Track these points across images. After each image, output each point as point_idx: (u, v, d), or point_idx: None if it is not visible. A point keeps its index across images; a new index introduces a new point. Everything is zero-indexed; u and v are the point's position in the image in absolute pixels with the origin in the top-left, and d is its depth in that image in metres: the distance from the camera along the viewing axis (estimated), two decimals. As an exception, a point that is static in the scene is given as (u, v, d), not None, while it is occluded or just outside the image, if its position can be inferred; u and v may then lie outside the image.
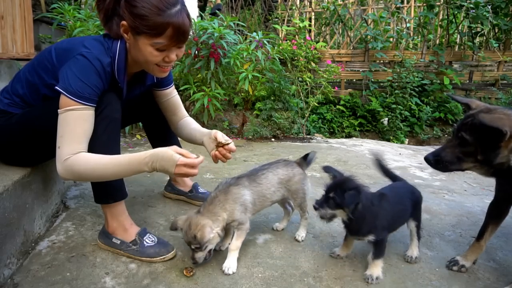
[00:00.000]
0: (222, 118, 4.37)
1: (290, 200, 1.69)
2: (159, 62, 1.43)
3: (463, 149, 1.22)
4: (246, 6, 6.84)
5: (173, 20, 1.33)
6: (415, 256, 1.59)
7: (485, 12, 4.53)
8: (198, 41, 3.32)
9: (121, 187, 1.54)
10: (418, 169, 2.98)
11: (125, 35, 1.41)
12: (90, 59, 1.35)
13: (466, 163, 1.23)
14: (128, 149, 3.19)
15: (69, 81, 1.32)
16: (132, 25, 1.34)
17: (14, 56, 3.43)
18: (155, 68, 1.47)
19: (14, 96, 1.50)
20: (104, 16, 1.45)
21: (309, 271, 1.49)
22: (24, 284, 1.33)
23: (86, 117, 1.35)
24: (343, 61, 5.18)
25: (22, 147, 1.52)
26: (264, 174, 1.61)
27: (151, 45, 1.37)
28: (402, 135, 4.67)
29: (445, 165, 1.26)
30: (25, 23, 3.57)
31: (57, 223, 1.77)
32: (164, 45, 1.37)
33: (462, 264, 1.52)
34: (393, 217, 1.48)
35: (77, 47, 1.39)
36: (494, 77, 5.02)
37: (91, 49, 1.38)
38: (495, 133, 1.12)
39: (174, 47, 1.42)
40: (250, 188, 1.55)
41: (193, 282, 1.39)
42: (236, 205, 1.48)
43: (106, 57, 1.41)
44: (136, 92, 1.70)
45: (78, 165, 1.31)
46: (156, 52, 1.39)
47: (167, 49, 1.40)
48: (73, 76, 1.33)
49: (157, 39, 1.35)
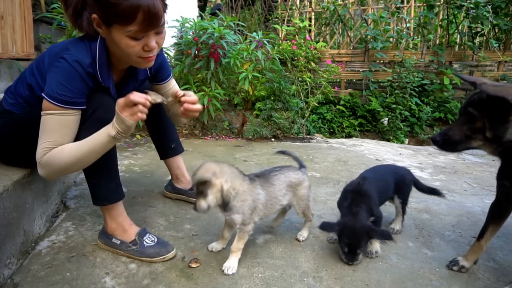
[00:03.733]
0: (222, 118, 4.37)
1: (295, 206, 1.68)
2: (140, 53, 1.37)
3: (470, 126, 1.17)
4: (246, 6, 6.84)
5: (141, 3, 1.24)
6: (397, 229, 1.80)
7: (485, 12, 4.53)
8: (198, 41, 3.32)
9: (117, 189, 1.54)
10: (418, 169, 2.99)
11: (99, 29, 1.35)
12: (70, 62, 1.32)
13: (475, 140, 1.19)
14: (128, 149, 3.19)
15: (50, 86, 1.31)
16: (102, 16, 1.30)
17: (14, 56, 3.43)
18: (139, 60, 1.40)
19: (17, 97, 1.50)
20: (73, 12, 1.37)
21: (309, 271, 1.49)
22: (24, 284, 1.33)
23: (65, 123, 1.34)
24: (343, 61, 5.18)
25: (20, 147, 1.52)
26: (277, 175, 1.60)
27: (125, 35, 1.30)
28: (402, 135, 4.67)
29: (454, 144, 1.22)
30: (25, 23, 3.57)
31: (57, 223, 1.77)
32: (138, 31, 1.29)
33: (462, 264, 1.52)
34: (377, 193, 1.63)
35: (62, 50, 1.37)
36: (494, 77, 5.01)
37: (73, 51, 1.35)
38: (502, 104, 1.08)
39: (151, 33, 1.34)
40: (265, 188, 1.53)
41: (193, 282, 1.39)
42: (250, 196, 1.45)
43: (87, 57, 1.37)
44: (129, 88, 1.67)
45: (52, 158, 1.31)
46: (132, 42, 1.31)
47: (144, 36, 1.33)
48: (55, 81, 1.32)
49: (129, 26, 1.27)
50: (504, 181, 1.38)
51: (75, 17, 1.38)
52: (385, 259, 1.60)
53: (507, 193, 1.40)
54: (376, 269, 1.52)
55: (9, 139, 1.51)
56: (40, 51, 4.27)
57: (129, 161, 2.82)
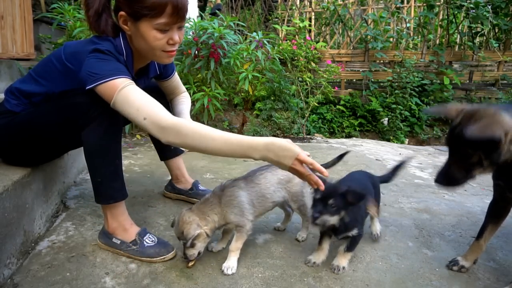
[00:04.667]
0: (222, 118, 4.37)
1: (290, 203, 1.68)
2: (164, 47, 1.42)
3: (467, 161, 1.22)
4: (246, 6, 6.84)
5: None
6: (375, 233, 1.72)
7: (485, 12, 4.53)
8: (198, 41, 3.32)
9: (122, 187, 1.54)
10: (418, 169, 2.99)
11: (124, 26, 1.41)
12: (105, 51, 1.35)
13: (475, 172, 1.24)
14: (128, 149, 3.19)
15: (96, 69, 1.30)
16: (131, 11, 1.35)
17: (14, 56, 3.43)
18: (162, 54, 1.46)
19: (22, 97, 1.50)
20: (94, 13, 1.42)
21: (309, 271, 1.49)
22: (24, 284, 1.33)
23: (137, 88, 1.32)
24: (343, 61, 5.18)
25: (24, 147, 1.52)
26: (263, 174, 1.61)
27: (154, 28, 1.36)
28: (402, 135, 4.67)
29: (457, 182, 1.27)
30: (25, 23, 3.57)
31: (57, 223, 1.77)
32: (166, 23, 1.36)
33: (462, 264, 1.52)
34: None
35: (87, 45, 1.39)
36: (494, 77, 5.02)
37: (104, 45, 1.39)
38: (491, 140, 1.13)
39: (175, 27, 1.41)
40: (247, 189, 1.54)
41: (193, 282, 1.39)
42: (230, 208, 1.48)
43: (119, 54, 1.42)
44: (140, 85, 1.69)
45: (186, 129, 1.24)
46: (160, 34, 1.38)
47: (170, 29, 1.39)
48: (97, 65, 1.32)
49: (158, 19, 1.34)
50: (499, 181, 1.42)
51: (95, 19, 1.44)
52: (385, 259, 1.60)
53: (503, 192, 1.43)
54: (376, 269, 1.52)
55: (12, 139, 1.51)
56: (40, 51, 4.27)
57: (129, 161, 2.82)
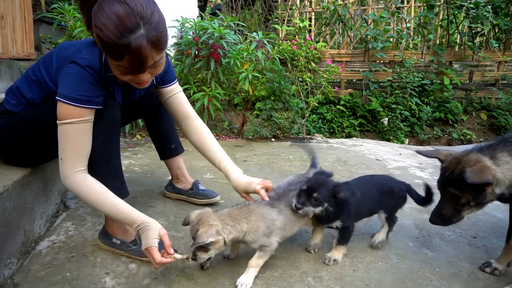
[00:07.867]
0: (222, 118, 4.37)
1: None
2: (131, 80, 1.34)
3: (457, 202, 1.37)
4: (246, 6, 6.84)
5: (130, 48, 1.17)
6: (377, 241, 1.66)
7: (485, 12, 4.54)
8: (198, 41, 3.32)
9: (122, 186, 1.55)
10: (418, 169, 2.98)
11: None
12: (82, 66, 1.32)
13: (464, 211, 1.39)
14: (128, 149, 3.19)
15: (65, 87, 1.31)
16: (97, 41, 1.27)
17: (14, 56, 3.44)
18: (132, 83, 1.39)
19: (20, 97, 1.50)
20: (87, 20, 1.35)
21: (309, 271, 1.49)
22: (24, 284, 1.33)
23: (85, 131, 1.35)
24: (343, 61, 5.18)
25: (23, 147, 1.52)
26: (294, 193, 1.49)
27: (115, 66, 1.27)
28: (402, 135, 4.67)
29: (450, 220, 1.42)
30: (25, 23, 3.57)
31: (57, 223, 1.77)
32: (128, 69, 1.25)
33: (495, 266, 1.53)
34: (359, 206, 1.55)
35: (74, 53, 1.36)
36: (494, 77, 5.02)
37: (85, 54, 1.35)
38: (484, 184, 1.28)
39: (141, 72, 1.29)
40: (285, 212, 1.45)
41: (193, 282, 1.39)
42: (262, 223, 1.39)
43: (98, 60, 1.37)
44: (136, 94, 1.70)
45: (82, 187, 1.35)
46: (122, 75, 1.29)
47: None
48: (69, 83, 1.31)
49: (118, 62, 1.23)
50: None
51: (88, 24, 1.38)
52: (385, 259, 1.60)
53: None
54: (376, 269, 1.52)
55: (11, 139, 1.51)
56: (40, 51, 4.27)
57: (129, 161, 2.82)
